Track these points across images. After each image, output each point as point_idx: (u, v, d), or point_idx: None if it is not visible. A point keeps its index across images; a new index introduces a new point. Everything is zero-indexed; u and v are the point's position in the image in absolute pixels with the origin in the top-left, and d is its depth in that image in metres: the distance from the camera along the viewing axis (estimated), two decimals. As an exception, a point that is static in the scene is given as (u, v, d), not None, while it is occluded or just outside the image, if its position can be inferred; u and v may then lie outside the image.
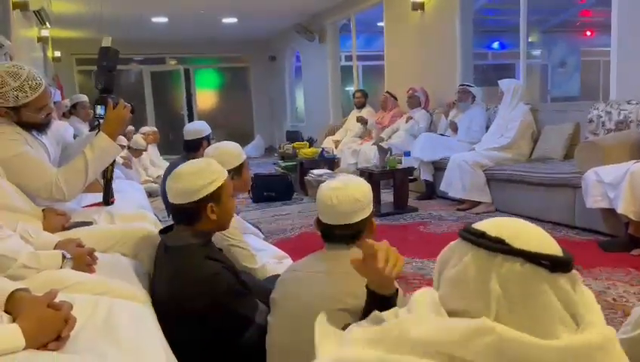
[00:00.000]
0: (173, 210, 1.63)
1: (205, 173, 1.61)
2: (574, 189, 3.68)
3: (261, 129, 12.09)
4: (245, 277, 1.75)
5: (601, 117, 4.07)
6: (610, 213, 3.26)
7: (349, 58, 9.61)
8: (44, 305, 1.10)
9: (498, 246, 0.83)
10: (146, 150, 6.47)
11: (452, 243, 0.93)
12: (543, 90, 11.89)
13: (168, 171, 3.82)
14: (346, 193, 1.46)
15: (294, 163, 6.22)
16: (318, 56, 9.35)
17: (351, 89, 10.34)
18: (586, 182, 3.35)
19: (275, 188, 5.57)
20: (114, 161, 2.37)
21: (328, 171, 5.68)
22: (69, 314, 1.12)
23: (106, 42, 2.22)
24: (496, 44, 12.24)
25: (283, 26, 10.09)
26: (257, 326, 1.56)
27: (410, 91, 6.05)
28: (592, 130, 4.12)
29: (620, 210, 3.07)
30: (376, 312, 0.99)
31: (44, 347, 1.06)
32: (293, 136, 9.54)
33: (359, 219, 1.47)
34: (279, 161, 6.81)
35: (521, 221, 0.89)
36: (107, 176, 2.40)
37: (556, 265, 0.82)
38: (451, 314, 0.88)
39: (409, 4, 6.47)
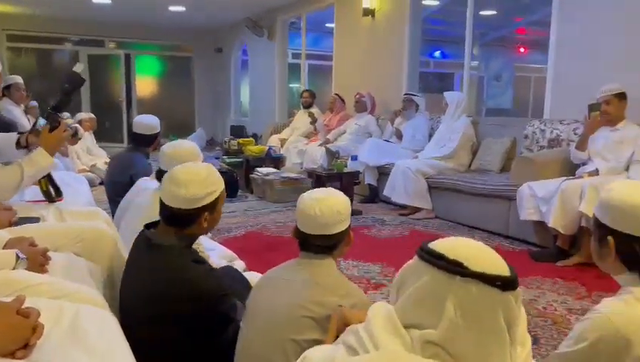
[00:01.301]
0: (169, 212, 1.61)
1: (208, 182, 1.62)
2: (509, 201, 3.92)
3: (203, 121, 11.87)
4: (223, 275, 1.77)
5: (536, 134, 4.35)
6: (541, 225, 3.51)
7: (295, 55, 9.65)
8: (13, 311, 1.07)
9: (457, 270, 0.90)
10: (81, 138, 6.21)
11: (411, 261, 1.01)
12: (479, 101, 12.50)
13: (113, 163, 3.71)
14: (328, 205, 1.50)
15: (240, 160, 6.18)
16: (265, 52, 9.31)
17: (296, 86, 10.38)
18: (521, 195, 3.59)
19: (219, 184, 5.50)
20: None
21: (274, 170, 5.70)
22: (37, 321, 1.09)
23: (78, 68, 2.31)
24: (437, 53, 12.68)
25: (232, 19, 9.96)
26: (235, 326, 1.59)
27: (358, 96, 6.17)
28: (527, 146, 4.40)
29: (550, 224, 3.31)
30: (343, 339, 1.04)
31: (11, 355, 1.03)
32: (237, 131, 9.45)
33: (338, 231, 1.52)
34: (224, 157, 6.74)
35: (474, 242, 0.97)
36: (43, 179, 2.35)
37: (507, 285, 0.90)
38: (407, 326, 0.95)
39: (360, 9, 6.60)
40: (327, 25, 9.54)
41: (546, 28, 4.77)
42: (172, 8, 9.04)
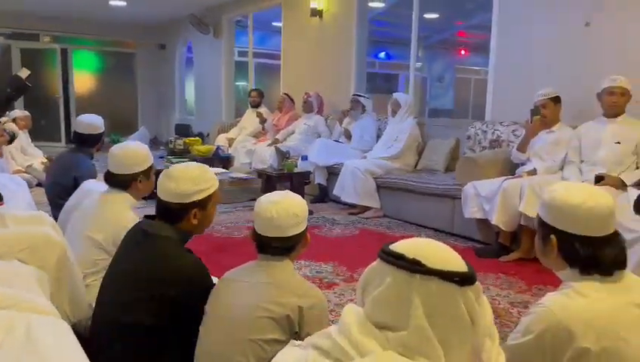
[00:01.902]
0: (161, 205, 1.70)
1: (200, 180, 1.70)
2: (454, 200, 4.07)
3: (146, 119, 11.54)
4: None
5: (478, 135, 4.54)
6: (484, 223, 3.67)
7: (242, 53, 9.57)
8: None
9: (416, 268, 0.96)
10: (16, 137, 5.90)
11: (373, 264, 1.05)
12: (422, 102, 12.88)
13: (55, 164, 3.56)
14: (284, 207, 1.52)
15: (186, 159, 6.06)
16: (211, 49, 9.18)
17: (243, 84, 10.29)
18: (465, 194, 3.74)
19: (166, 185, 5.39)
20: None
21: (223, 170, 5.64)
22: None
23: (23, 73, 2.20)
24: (382, 54, 12.93)
25: (176, 16, 9.74)
26: None
27: (305, 96, 6.21)
28: (470, 147, 4.59)
29: (493, 221, 3.48)
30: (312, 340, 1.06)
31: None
32: (182, 130, 9.26)
33: (295, 233, 1.54)
34: (169, 157, 6.58)
35: (433, 242, 1.03)
36: None
37: (464, 281, 0.97)
38: (377, 326, 0.99)
39: (308, 10, 6.63)
40: (274, 24, 9.53)
41: (486, 32, 4.99)
42: (112, 3, 8.74)
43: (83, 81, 11.25)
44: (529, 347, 1.27)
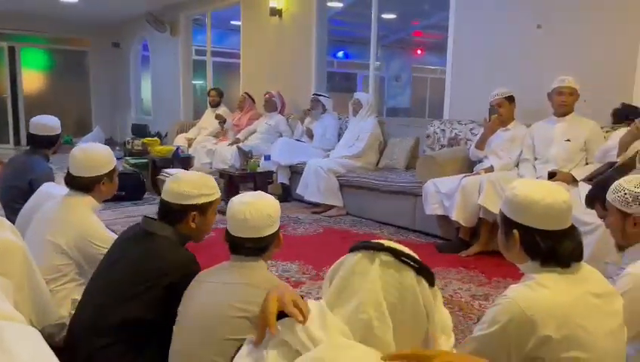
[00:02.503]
0: (162, 205, 1.79)
1: (200, 184, 1.79)
2: (415, 197, 4.16)
3: (101, 119, 11.22)
4: None
5: (437, 133, 4.66)
6: (444, 219, 3.77)
7: (199, 52, 9.45)
8: None
9: (378, 246, 1.07)
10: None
11: (341, 258, 1.14)
12: (380, 101, 13.04)
13: (9, 166, 3.42)
14: (257, 208, 1.53)
15: (145, 160, 5.96)
16: (168, 48, 9.03)
17: (201, 83, 10.15)
18: (426, 191, 3.84)
19: (125, 186, 5.27)
20: None
21: (183, 171, 5.56)
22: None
23: None
24: (341, 53, 13.02)
25: (131, 13, 9.51)
26: None
27: (267, 95, 6.20)
28: (430, 145, 4.70)
29: (453, 217, 3.59)
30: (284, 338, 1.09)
31: None
32: (139, 130, 9.07)
33: (268, 234, 1.56)
34: (127, 158, 6.44)
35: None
36: None
37: (422, 269, 1.07)
38: (337, 310, 1.07)
39: (267, 9, 6.62)
40: (232, 22, 9.45)
41: (442, 31, 5.12)
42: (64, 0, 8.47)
43: (32, 80, 10.82)
44: (495, 337, 1.33)
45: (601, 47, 3.77)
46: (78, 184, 2.21)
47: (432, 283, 1.08)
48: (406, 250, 1.09)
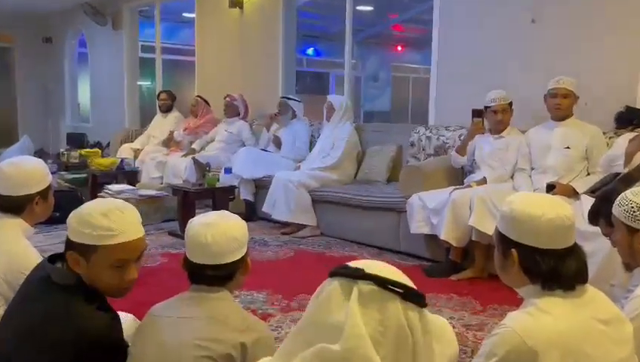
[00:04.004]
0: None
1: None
2: (399, 214, 4.22)
3: (29, 127, 10.96)
4: None
5: (422, 141, 4.75)
6: (432, 238, 3.84)
7: (146, 49, 9.39)
8: None
9: (358, 274, 1.04)
10: None
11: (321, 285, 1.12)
12: (356, 104, 13.16)
13: None
14: (221, 230, 1.54)
15: (84, 175, 5.89)
16: (110, 44, 8.95)
17: (148, 84, 10.08)
18: (411, 207, 3.90)
19: (60, 206, 5.15)
20: None
21: (129, 187, 5.50)
22: None
23: None
24: (311, 50, 13.11)
25: (64, 4, 9.40)
26: None
27: (228, 99, 6.21)
28: (414, 154, 4.78)
29: (442, 236, 3.64)
30: None
31: None
32: (76, 140, 8.97)
33: (234, 259, 1.56)
34: (62, 172, 6.34)
35: (382, 263, 1.12)
36: None
37: (409, 295, 1.05)
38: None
39: (226, 0, 6.65)
40: (185, 15, 9.44)
41: (425, 25, 5.22)
42: (-15, -13, 8.32)
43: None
44: (494, 371, 1.36)
45: (602, 43, 3.91)
46: (7, 204, 2.17)
47: (423, 306, 1.08)
48: (390, 273, 1.08)
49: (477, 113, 3.96)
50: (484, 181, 3.80)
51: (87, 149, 6.88)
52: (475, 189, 3.66)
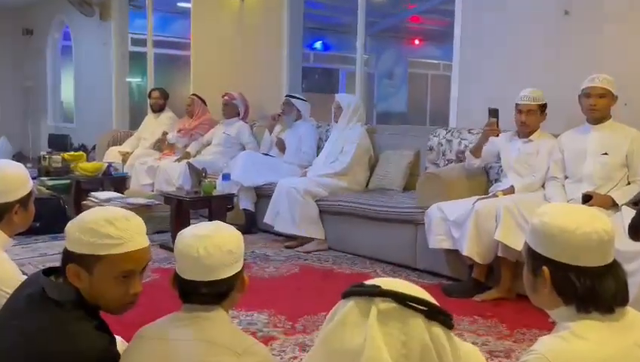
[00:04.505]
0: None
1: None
2: (416, 226, 4.21)
3: (7, 128, 11.05)
4: None
5: (442, 145, 4.74)
6: (453, 254, 3.82)
7: (137, 42, 9.45)
8: None
9: (376, 291, 1.06)
10: None
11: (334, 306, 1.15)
12: (369, 104, 13.14)
13: None
14: (215, 243, 1.53)
15: (67, 181, 5.92)
16: (97, 36, 9.04)
17: (138, 80, 10.13)
18: (430, 218, 3.88)
19: (40, 215, 5.17)
20: None
21: (116, 194, 5.53)
22: None
23: None
24: (319, 44, 13.13)
25: (47, -9, 9.51)
26: None
27: (227, 97, 6.23)
28: (433, 160, 4.78)
29: (464, 252, 3.63)
30: None
31: None
32: (58, 142, 9.05)
33: (229, 275, 1.56)
34: (42, 178, 6.38)
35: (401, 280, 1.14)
36: None
37: (434, 312, 1.06)
38: None
39: (224, -12, 6.70)
40: (179, 4, 9.50)
41: (445, 16, 5.22)
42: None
43: None
44: (523, 401, 1.35)
45: (642, 38, 3.90)
46: (-18, 214, 2.19)
47: (450, 326, 1.08)
48: (411, 289, 1.09)
49: (493, 113, 3.94)
50: (511, 190, 3.79)
51: (71, 153, 6.89)
52: (502, 199, 3.64)
